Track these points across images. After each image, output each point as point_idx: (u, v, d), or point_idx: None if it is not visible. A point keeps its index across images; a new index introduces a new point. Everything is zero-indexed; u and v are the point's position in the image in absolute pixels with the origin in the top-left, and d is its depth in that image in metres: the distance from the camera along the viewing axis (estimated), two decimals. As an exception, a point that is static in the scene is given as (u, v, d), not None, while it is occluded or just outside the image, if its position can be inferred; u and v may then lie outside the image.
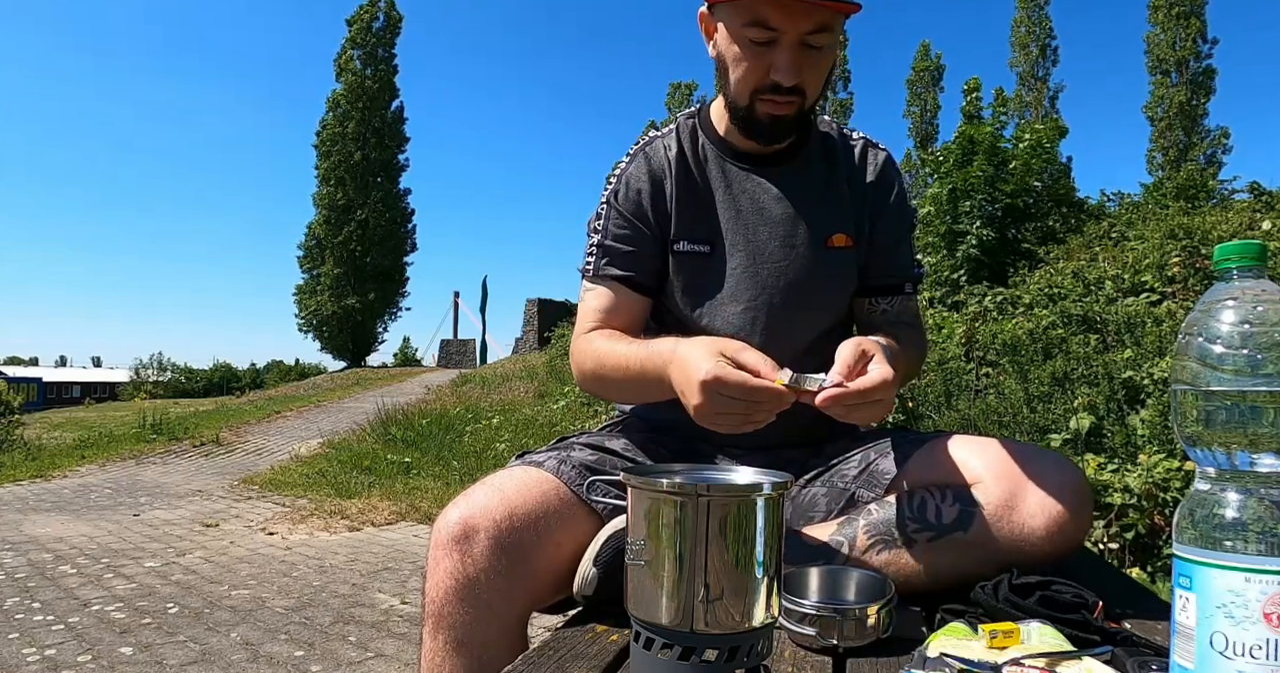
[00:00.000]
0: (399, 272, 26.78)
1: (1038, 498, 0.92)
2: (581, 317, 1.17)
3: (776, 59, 1.01)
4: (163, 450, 8.95)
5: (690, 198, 1.16)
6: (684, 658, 0.62)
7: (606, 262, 1.15)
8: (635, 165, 1.18)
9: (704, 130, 1.20)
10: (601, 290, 1.15)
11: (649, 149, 1.19)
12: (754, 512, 0.62)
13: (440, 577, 0.90)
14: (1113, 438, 3.55)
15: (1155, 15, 22.16)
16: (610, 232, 1.16)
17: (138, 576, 3.63)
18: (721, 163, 1.18)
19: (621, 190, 1.16)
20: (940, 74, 27.07)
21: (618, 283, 1.14)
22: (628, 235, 1.15)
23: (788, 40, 1.00)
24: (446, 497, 5.33)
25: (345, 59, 25.80)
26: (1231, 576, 0.50)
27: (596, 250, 1.16)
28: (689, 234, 1.15)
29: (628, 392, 1.12)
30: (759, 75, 1.04)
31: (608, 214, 1.17)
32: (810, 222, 1.16)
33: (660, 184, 1.16)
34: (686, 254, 1.15)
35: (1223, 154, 21.79)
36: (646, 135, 1.23)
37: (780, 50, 1.01)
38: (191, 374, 49.43)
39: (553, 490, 0.97)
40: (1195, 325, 0.55)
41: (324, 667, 2.50)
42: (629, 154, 1.20)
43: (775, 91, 1.04)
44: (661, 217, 1.16)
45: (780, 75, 1.02)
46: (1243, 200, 7.17)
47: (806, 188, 1.17)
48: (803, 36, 1.00)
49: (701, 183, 1.17)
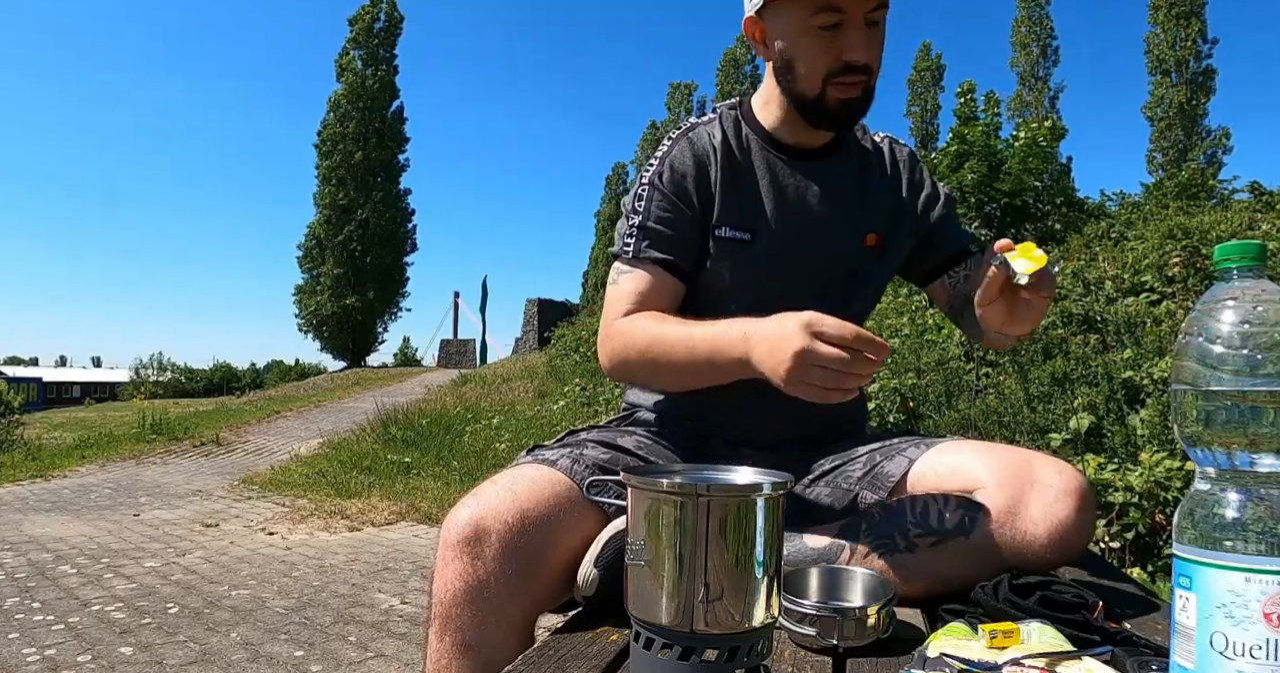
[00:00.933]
0: (399, 272, 26.81)
1: (1041, 504, 0.92)
2: (614, 301, 1.12)
3: (846, 40, 1.04)
4: (163, 450, 8.95)
5: (734, 184, 1.15)
6: (684, 658, 0.62)
7: (648, 244, 1.12)
8: (680, 148, 1.16)
9: (746, 122, 1.20)
10: (639, 274, 1.11)
11: (693, 134, 1.18)
12: (754, 512, 0.62)
13: (449, 578, 0.89)
14: (1113, 438, 3.55)
15: (1155, 15, 22.18)
16: (653, 213, 1.13)
17: (138, 576, 3.63)
18: (765, 154, 1.17)
19: (666, 172, 1.14)
20: (941, 74, 27.10)
21: (658, 267, 1.11)
22: (670, 218, 1.12)
23: (854, 20, 1.03)
24: (446, 497, 5.34)
25: (346, 59, 25.83)
26: (1231, 576, 0.50)
27: (637, 232, 1.13)
28: (731, 220, 1.14)
29: (684, 374, 1.05)
30: (830, 60, 1.06)
31: (650, 195, 1.14)
32: (850, 219, 1.18)
33: (705, 168, 1.15)
34: (728, 240, 1.14)
35: (1223, 154, 21.80)
36: (689, 121, 1.23)
37: (848, 30, 1.04)
38: (191, 374, 49.42)
39: (565, 491, 0.96)
40: (1195, 325, 0.55)
41: (324, 667, 2.50)
42: (671, 138, 1.19)
43: (847, 72, 1.06)
44: (705, 201, 1.14)
45: (854, 54, 1.04)
46: (1243, 200, 7.17)
47: (846, 185, 1.19)
48: (866, 14, 1.04)
49: (746, 170, 1.16)
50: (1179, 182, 8.25)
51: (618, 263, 1.14)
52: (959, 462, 1.01)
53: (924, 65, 27.05)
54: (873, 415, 4.48)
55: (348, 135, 25.11)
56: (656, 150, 1.20)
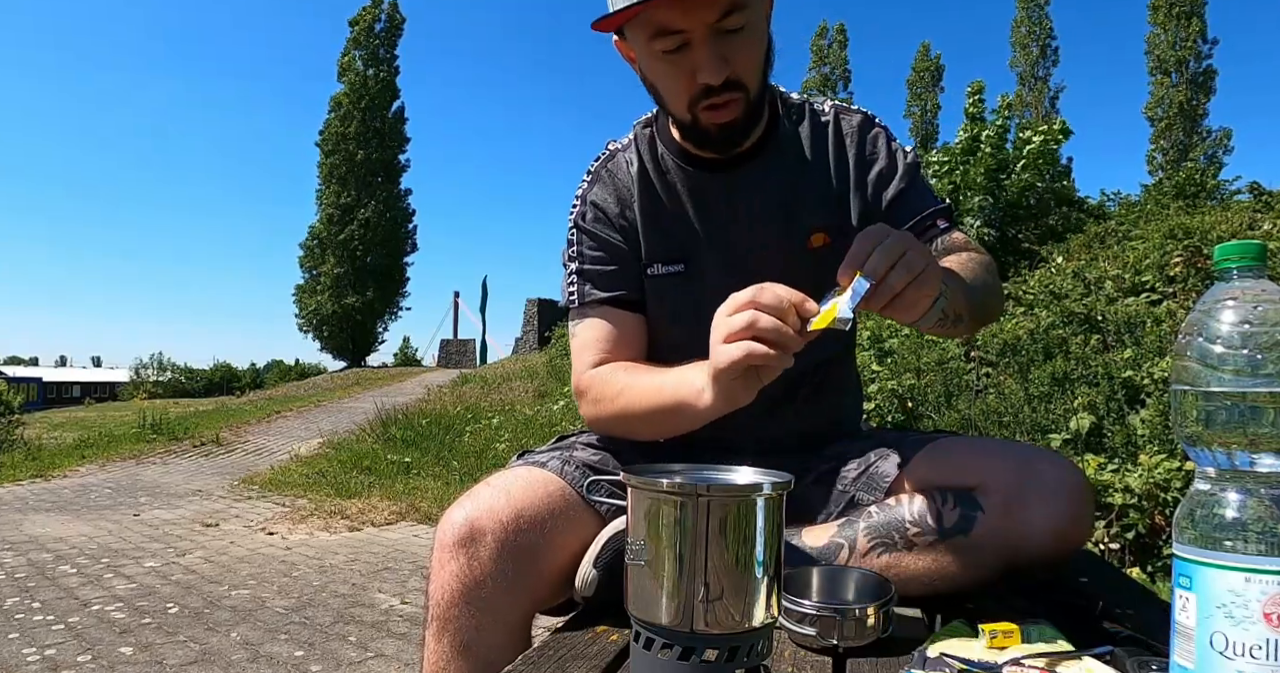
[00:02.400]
0: (399, 271, 26.82)
1: (1040, 501, 0.92)
2: (579, 352, 1.09)
3: (695, 60, 0.93)
4: (163, 450, 8.96)
5: (657, 216, 1.10)
6: (684, 658, 0.62)
7: (590, 286, 1.09)
8: (599, 187, 1.13)
9: (661, 138, 1.12)
10: (593, 320, 1.09)
11: (610, 166, 1.14)
12: (754, 512, 0.62)
13: (445, 579, 0.89)
14: (1113, 438, 3.55)
15: (1155, 16, 22.17)
16: (586, 256, 1.10)
17: (138, 576, 3.63)
18: (685, 172, 1.10)
19: (589, 212, 1.11)
20: (940, 74, 27.08)
21: (608, 306, 1.09)
22: (603, 256, 1.10)
23: (698, 36, 0.91)
24: (446, 497, 5.34)
25: (348, 60, 25.85)
26: (1232, 576, 0.50)
27: (577, 279, 1.10)
28: (660, 256, 1.09)
29: (656, 423, 1.01)
30: (687, 84, 0.95)
31: (578, 239, 1.11)
32: (789, 222, 1.09)
33: (627, 204, 1.10)
34: (660, 277, 1.10)
35: (1224, 155, 21.80)
36: (606, 150, 1.17)
37: (695, 49, 0.92)
38: (191, 374, 49.40)
39: (558, 492, 0.96)
40: (1195, 325, 0.55)
41: (324, 667, 2.50)
42: (589, 172, 1.15)
43: (710, 94, 0.95)
44: (632, 237, 1.10)
45: (706, 76, 0.93)
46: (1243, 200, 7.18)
47: (780, 184, 1.09)
48: (712, 27, 0.91)
49: (668, 198, 1.10)
50: (1179, 181, 8.25)
51: (571, 317, 1.12)
52: (956, 459, 1.00)
53: (923, 66, 27.03)
54: (872, 415, 4.48)
55: (349, 135, 25.13)
56: (578, 187, 1.15)
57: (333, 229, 25.15)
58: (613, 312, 1.09)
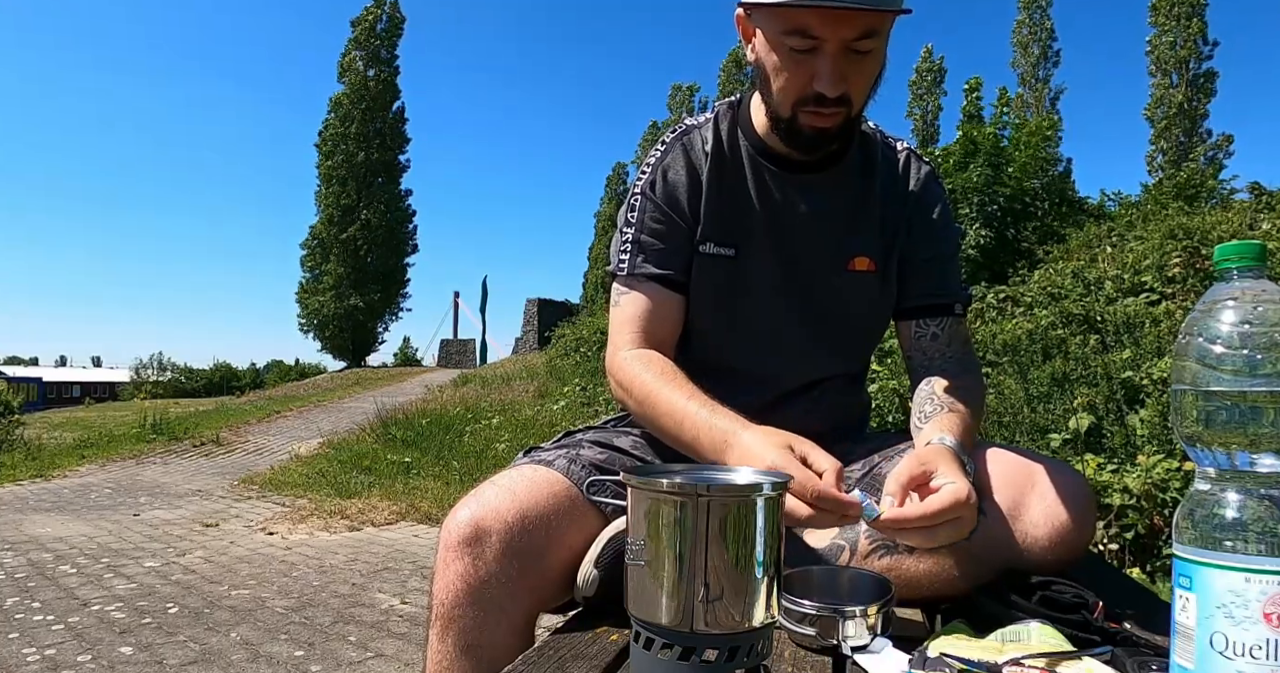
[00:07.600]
0: (400, 272, 26.81)
1: (1041, 506, 0.92)
2: (617, 326, 1.10)
3: (819, 68, 0.95)
4: (163, 450, 8.95)
5: (722, 196, 1.11)
6: (684, 658, 0.62)
7: (643, 259, 1.09)
8: (673, 155, 1.12)
9: (741, 125, 1.14)
10: (637, 296, 1.09)
11: (686, 139, 1.14)
12: (754, 512, 0.62)
13: (450, 579, 0.89)
14: (1112, 438, 3.55)
15: (1156, 17, 22.14)
16: (646, 225, 1.10)
17: (138, 576, 3.63)
18: (757, 164, 1.12)
19: (658, 181, 1.11)
20: (942, 76, 27.05)
21: (655, 283, 1.09)
22: (663, 230, 1.10)
23: (831, 48, 0.93)
24: (446, 497, 5.34)
25: (349, 60, 25.83)
26: (1231, 576, 0.50)
27: (631, 247, 1.10)
28: (715, 236, 1.10)
29: (668, 439, 1.03)
30: (801, 86, 0.97)
31: (642, 206, 1.11)
32: (840, 237, 1.11)
33: (696, 178, 1.11)
34: (710, 257, 1.10)
35: (1224, 157, 21.78)
36: (682, 123, 1.18)
37: (823, 59, 0.94)
38: (192, 374, 49.42)
39: (563, 491, 0.96)
40: (1195, 326, 0.55)
41: (324, 667, 2.50)
42: (664, 142, 1.15)
43: (819, 103, 0.97)
44: (696, 213, 1.10)
45: (824, 86, 0.95)
46: (1243, 200, 7.17)
47: (839, 202, 1.12)
48: (847, 44, 0.94)
49: (735, 182, 1.11)
50: (1178, 182, 8.24)
51: (616, 283, 1.13)
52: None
53: (925, 67, 27.01)
54: (873, 416, 4.47)
55: (350, 136, 25.10)
56: (650, 153, 1.15)
57: (333, 230, 25.13)
58: (658, 290, 1.09)
